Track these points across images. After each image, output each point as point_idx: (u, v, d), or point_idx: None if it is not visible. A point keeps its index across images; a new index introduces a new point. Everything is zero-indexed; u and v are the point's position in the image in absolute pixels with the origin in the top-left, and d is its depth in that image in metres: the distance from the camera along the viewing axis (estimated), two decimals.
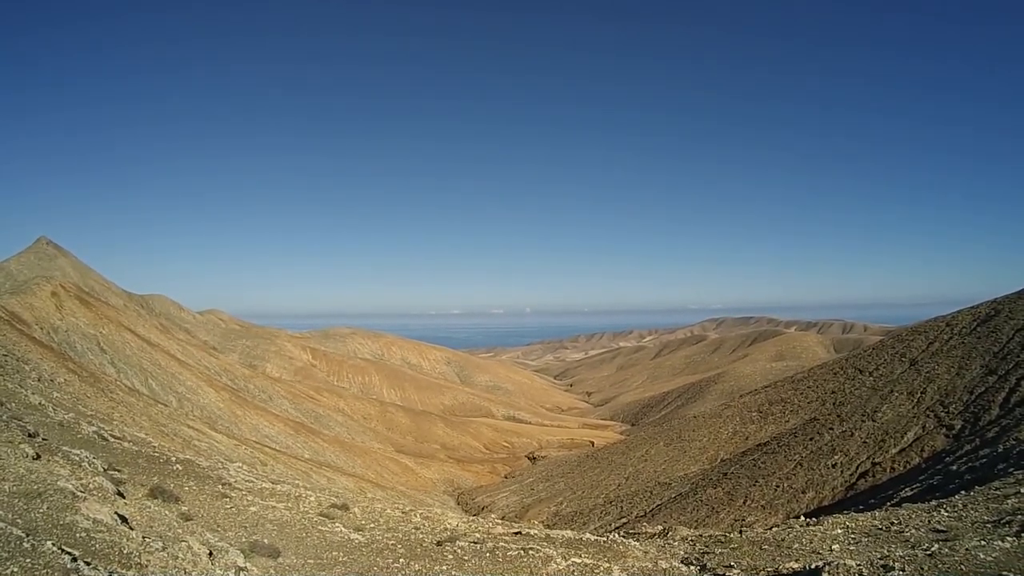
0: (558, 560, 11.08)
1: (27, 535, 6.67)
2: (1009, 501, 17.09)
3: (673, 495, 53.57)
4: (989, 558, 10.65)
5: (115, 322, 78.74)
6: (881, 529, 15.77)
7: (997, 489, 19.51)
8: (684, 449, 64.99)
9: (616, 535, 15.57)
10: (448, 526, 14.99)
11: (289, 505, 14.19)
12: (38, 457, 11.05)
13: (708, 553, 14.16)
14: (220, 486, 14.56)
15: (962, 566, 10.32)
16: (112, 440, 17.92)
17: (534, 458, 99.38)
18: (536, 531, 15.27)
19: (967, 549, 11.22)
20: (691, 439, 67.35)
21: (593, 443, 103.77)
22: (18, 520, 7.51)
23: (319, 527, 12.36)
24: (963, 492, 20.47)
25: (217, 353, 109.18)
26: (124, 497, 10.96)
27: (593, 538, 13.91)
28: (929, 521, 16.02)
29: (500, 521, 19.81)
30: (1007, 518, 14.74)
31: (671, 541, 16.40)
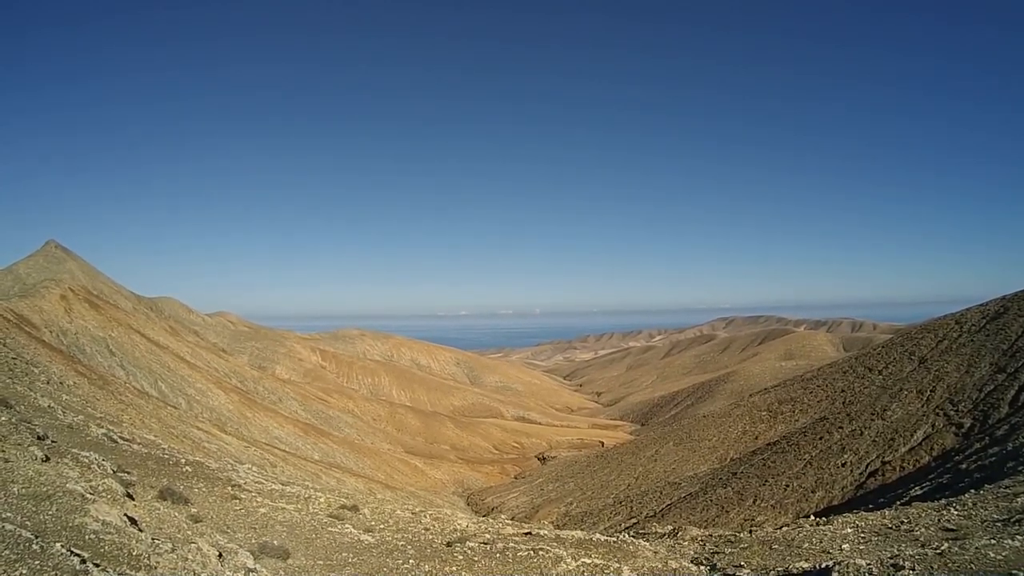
0: (568, 560, 11.01)
1: (36, 537, 6.67)
2: (1019, 499, 16.96)
3: (683, 495, 53.35)
4: (999, 557, 10.58)
5: (124, 325, 78.82)
6: (891, 528, 15.68)
7: (1007, 487, 19.38)
8: (694, 449, 64.87)
9: (626, 535, 15.49)
10: (458, 527, 14.89)
11: (299, 506, 14.14)
12: (47, 459, 11.05)
13: (718, 553, 14.13)
14: (230, 488, 14.46)
15: (972, 565, 10.26)
16: (121, 442, 17.84)
17: (544, 459, 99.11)
18: (546, 531, 14.99)
19: (977, 548, 11.14)
20: (701, 439, 67.22)
21: (603, 443, 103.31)
22: (27, 522, 7.52)
23: (329, 528, 12.34)
24: (973, 491, 20.34)
25: (227, 355, 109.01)
26: (133, 499, 10.95)
27: (603, 538, 13.70)
28: (939, 520, 15.91)
29: (510, 522, 19.67)
30: (1017, 516, 14.64)
31: (681, 541, 16.36)
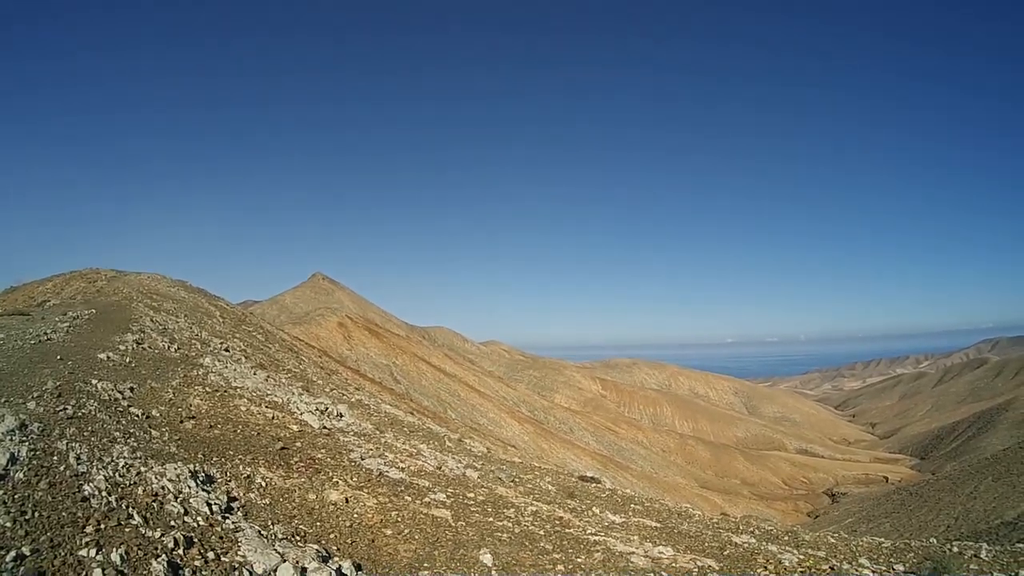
0: None
1: None
2: None
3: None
4: None
5: (408, 352, 75.03)
6: None
7: None
8: (1013, 484, 57.01)
9: None
10: None
11: None
12: None
13: None
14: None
15: None
16: None
17: (834, 495, 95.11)
18: None
19: None
20: (1020, 472, 59.10)
21: (887, 478, 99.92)
22: None
23: None
24: None
25: (514, 384, 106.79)
26: None
27: None
28: None
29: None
30: None
31: None
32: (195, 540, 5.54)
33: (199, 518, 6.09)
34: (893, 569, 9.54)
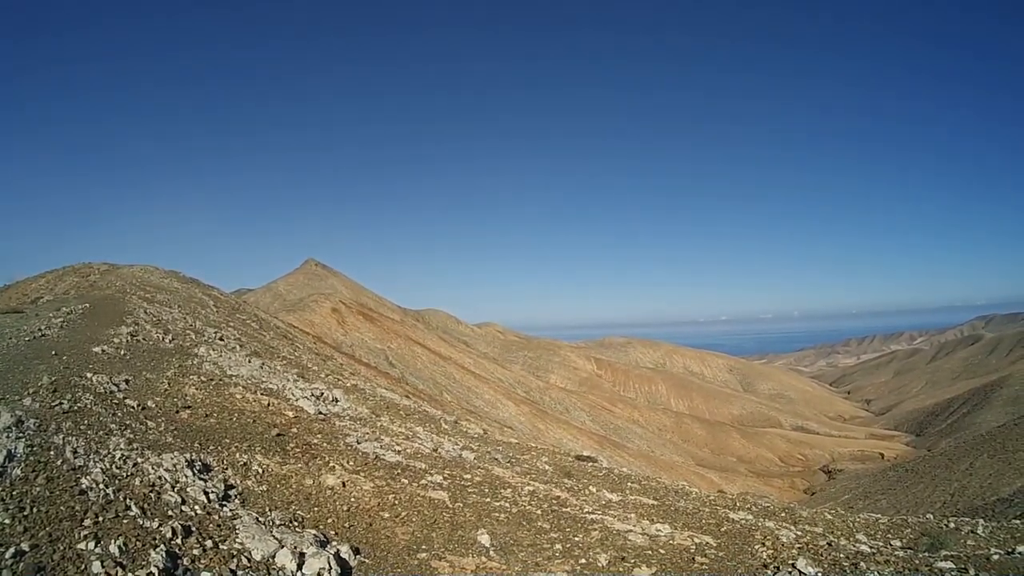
0: None
1: None
2: None
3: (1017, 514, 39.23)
4: None
5: (403, 336, 74.76)
6: None
7: None
8: (1009, 461, 56.98)
9: None
10: None
11: None
12: None
13: None
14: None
15: None
16: None
17: (830, 472, 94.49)
18: None
19: None
20: (1015, 449, 58.76)
21: (883, 455, 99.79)
22: None
23: None
24: None
25: (509, 365, 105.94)
26: None
27: None
28: None
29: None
30: None
31: None
32: (193, 529, 5.61)
33: (196, 507, 6.14)
34: (890, 545, 9.64)
